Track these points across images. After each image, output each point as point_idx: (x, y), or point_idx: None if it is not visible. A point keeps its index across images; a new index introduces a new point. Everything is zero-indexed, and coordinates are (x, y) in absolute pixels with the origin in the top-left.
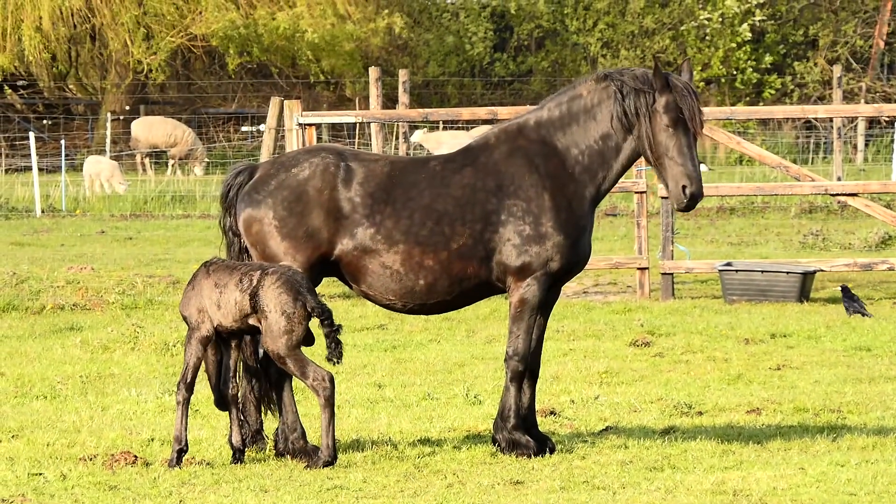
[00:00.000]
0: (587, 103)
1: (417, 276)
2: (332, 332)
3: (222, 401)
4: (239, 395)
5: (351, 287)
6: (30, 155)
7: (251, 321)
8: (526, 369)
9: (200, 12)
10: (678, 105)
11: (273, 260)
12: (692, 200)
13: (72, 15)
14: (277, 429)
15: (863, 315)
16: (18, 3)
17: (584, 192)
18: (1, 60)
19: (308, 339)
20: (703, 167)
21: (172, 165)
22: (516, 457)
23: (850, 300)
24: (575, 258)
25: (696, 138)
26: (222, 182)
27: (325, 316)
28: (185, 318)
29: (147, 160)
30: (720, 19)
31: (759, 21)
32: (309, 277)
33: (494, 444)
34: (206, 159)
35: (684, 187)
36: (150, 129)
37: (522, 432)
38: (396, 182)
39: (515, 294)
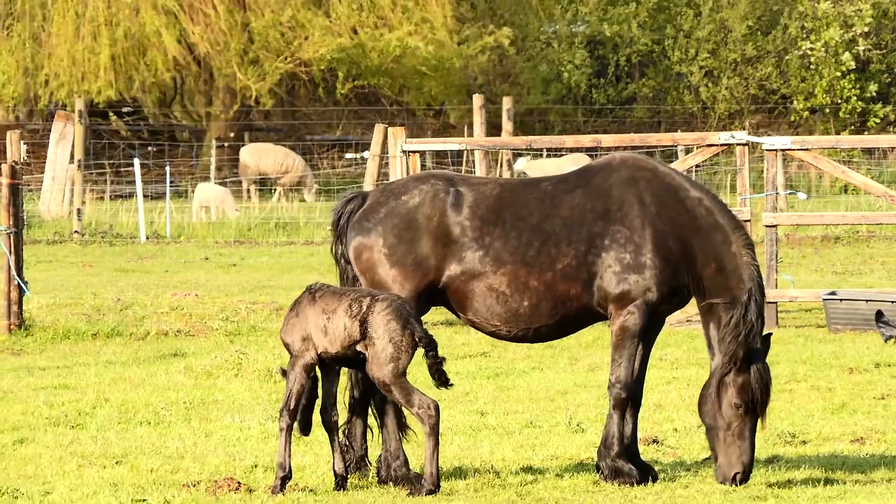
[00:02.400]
0: (725, 254)
1: (522, 297)
2: (436, 363)
3: (306, 426)
4: (340, 421)
5: (458, 315)
6: (134, 181)
7: (358, 348)
8: (629, 397)
9: (307, 37)
10: (752, 395)
11: (381, 288)
12: (735, 484)
13: (185, 46)
14: (380, 456)
15: None
16: (132, 33)
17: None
18: (105, 88)
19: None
20: (800, 195)
21: (279, 193)
22: (619, 485)
23: (885, 326)
24: (672, 292)
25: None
26: (333, 210)
27: (431, 347)
28: (286, 345)
29: (252, 187)
30: (823, 48)
31: (862, 50)
32: (416, 306)
33: (597, 472)
34: (315, 185)
35: (736, 474)
36: (260, 157)
37: (626, 460)
38: (506, 203)
39: (616, 322)
